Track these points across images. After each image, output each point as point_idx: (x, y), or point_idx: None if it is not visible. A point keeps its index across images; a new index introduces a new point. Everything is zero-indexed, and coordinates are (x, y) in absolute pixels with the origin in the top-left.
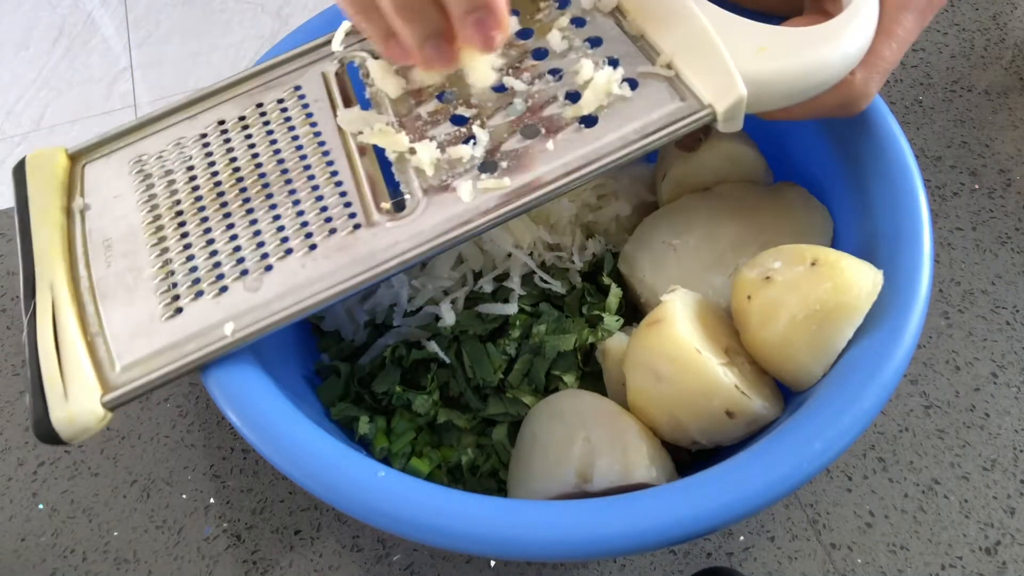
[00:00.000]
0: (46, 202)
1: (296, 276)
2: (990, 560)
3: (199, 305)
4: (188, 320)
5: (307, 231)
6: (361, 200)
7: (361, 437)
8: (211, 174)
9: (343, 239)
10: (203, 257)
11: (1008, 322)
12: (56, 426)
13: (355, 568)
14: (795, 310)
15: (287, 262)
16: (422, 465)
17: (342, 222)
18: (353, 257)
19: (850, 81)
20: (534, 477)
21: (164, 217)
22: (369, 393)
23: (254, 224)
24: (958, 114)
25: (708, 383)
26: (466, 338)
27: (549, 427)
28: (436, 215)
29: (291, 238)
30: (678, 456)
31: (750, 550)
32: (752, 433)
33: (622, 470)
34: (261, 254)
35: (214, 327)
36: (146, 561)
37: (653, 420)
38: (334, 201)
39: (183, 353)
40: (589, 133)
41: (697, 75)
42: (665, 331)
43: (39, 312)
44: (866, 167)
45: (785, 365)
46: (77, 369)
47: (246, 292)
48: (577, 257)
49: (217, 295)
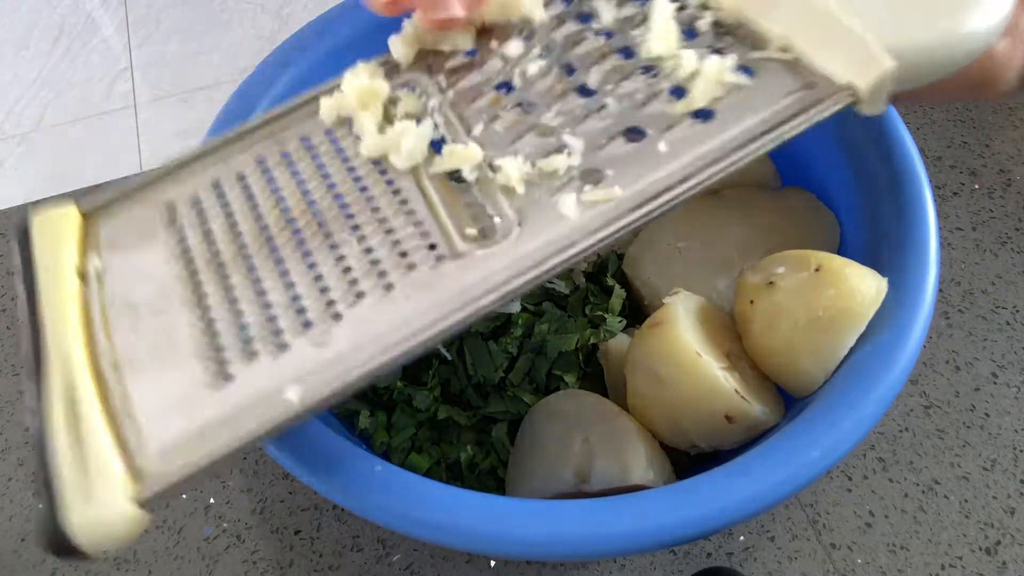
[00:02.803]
0: (55, 263)
1: (373, 323)
2: (990, 560)
3: (254, 369)
4: (241, 388)
5: (380, 269)
6: (440, 228)
7: (362, 431)
8: (255, 217)
9: (426, 275)
10: (254, 312)
11: (1008, 322)
12: (73, 534)
13: (355, 568)
14: (797, 316)
15: (359, 308)
16: (421, 461)
17: (422, 255)
18: (441, 295)
19: (993, 54)
20: (532, 476)
21: (202, 271)
22: (371, 387)
23: (313, 268)
24: (958, 114)
25: (708, 387)
26: (468, 335)
27: (549, 426)
28: (536, 238)
29: (362, 280)
30: (677, 459)
31: (750, 550)
32: (752, 438)
33: (620, 471)
34: (326, 301)
35: (275, 393)
36: (146, 561)
37: (653, 422)
38: (408, 233)
39: (237, 429)
40: (706, 129)
41: (824, 54)
42: (666, 333)
43: (49, 394)
44: (875, 173)
45: (786, 370)
46: (100, 460)
47: (312, 348)
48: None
49: (276, 354)
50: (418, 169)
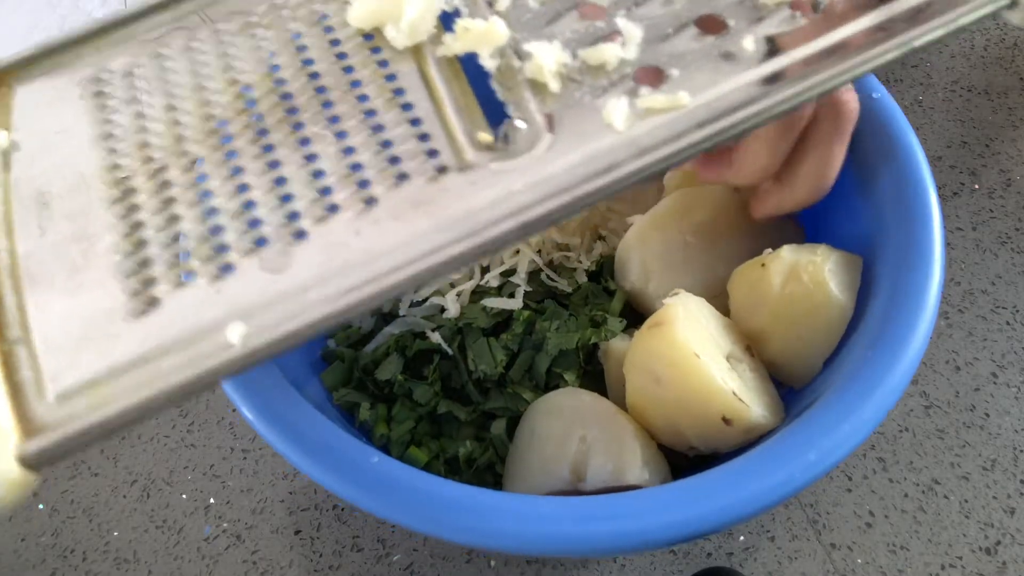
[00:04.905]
0: None
1: (347, 247)
2: (990, 560)
3: (188, 294)
4: (169, 318)
5: (361, 177)
6: (445, 130)
7: (362, 423)
8: (203, 100)
9: (422, 189)
10: (193, 220)
11: (1008, 322)
12: None
13: (355, 568)
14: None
15: (331, 226)
16: (420, 454)
17: (418, 164)
18: (440, 217)
19: None
20: (529, 472)
21: (134, 160)
22: (372, 380)
23: (274, 168)
24: (958, 114)
25: (706, 388)
26: (470, 331)
27: (547, 423)
28: (571, 152)
29: (336, 189)
30: (676, 461)
31: (750, 550)
32: (750, 441)
33: (615, 470)
34: (287, 213)
35: (213, 330)
36: (146, 561)
37: (651, 423)
38: (402, 132)
39: (160, 374)
40: (813, 25)
41: None
42: (665, 334)
43: None
44: (879, 174)
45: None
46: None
47: (264, 274)
48: (584, 257)
49: (217, 278)
50: (421, 50)
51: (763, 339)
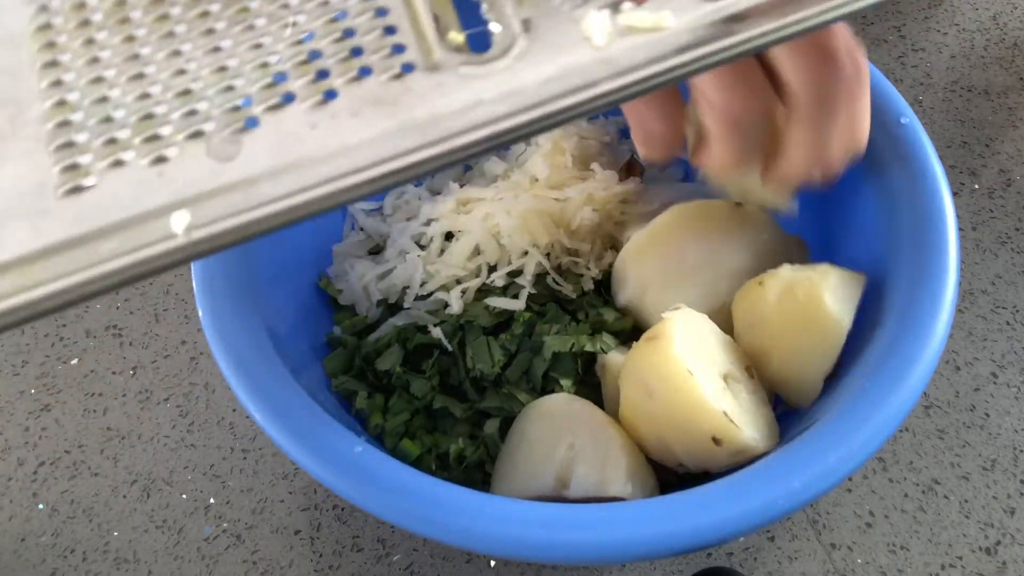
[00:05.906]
0: None
1: (301, 141)
2: (990, 560)
3: (126, 174)
4: (104, 199)
5: (320, 66)
6: (413, 24)
7: (358, 412)
8: None
9: (385, 86)
10: (135, 93)
11: (1008, 322)
12: None
13: (355, 568)
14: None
15: (285, 115)
16: (413, 447)
17: (382, 59)
18: (402, 119)
19: None
20: (516, 474)
21: (70, 23)
22: (372, 370)
23: (225, 50)
24: (958, 114)
25: (696, 406)
26: (471, 328)
27: (538, 427)
28: (545, 64)
29: (293, 75)
30: (665, 476)
31: (750, 550)
32: (740, 464)
33: (599, 481)
34: (239, 98)
35: (152, 216)
36: (146, 561)
37: (641, 436)
38: (366, 23)
39: (94, 257)
40: None
41: None
42: (660, 348)
43: None
44: (896, 190)
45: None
46: None
47: (211, 160)
48: (593, 264)
49: (158, 161)
50: None
51: (764, 358)
